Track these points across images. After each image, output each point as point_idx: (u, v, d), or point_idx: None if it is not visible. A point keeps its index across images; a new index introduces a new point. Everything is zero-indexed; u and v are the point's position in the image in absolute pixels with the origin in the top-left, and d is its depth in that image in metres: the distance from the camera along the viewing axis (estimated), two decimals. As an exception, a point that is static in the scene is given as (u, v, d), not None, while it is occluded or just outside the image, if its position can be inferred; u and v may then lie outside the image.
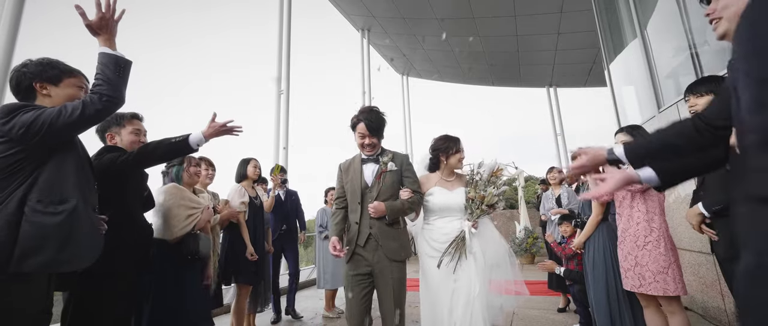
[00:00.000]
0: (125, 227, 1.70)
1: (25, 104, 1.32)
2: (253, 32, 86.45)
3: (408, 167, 2.15)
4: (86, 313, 1.59)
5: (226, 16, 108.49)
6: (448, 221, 2.20)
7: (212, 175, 2.83)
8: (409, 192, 2.07)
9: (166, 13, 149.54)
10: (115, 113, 1.88)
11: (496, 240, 2.27)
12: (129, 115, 1.91)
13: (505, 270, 2.22)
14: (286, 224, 3.77)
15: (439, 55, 10.06)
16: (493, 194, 2.20)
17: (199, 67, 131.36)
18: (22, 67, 1.41)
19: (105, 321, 1.61)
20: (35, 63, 1.42)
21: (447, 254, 2.10)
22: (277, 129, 6.10)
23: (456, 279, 2.06)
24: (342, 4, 8.28)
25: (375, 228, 2.00)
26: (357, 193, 2.06)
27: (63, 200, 1.29)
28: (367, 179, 2.08)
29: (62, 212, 1.27)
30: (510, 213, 8.46)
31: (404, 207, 2.04)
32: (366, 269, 1.99)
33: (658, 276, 1.99)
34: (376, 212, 1.98)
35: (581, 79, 10.93)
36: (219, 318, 3.72)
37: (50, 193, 1.28)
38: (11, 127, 1.24)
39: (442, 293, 2.06)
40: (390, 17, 8.51)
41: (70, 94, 1.45)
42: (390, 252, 1.97)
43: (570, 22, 7.98)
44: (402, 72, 11.26)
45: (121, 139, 1.88)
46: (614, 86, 5.43)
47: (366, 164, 2.11)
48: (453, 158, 2.28)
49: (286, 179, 3.88)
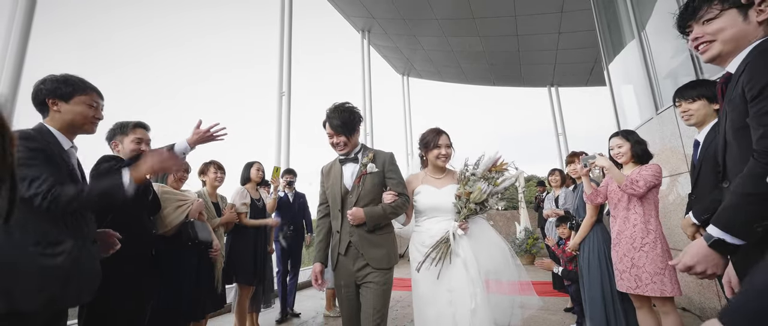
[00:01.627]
0: (130, 232, 1.74)
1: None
2: (254, 33, 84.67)
3: (391, 167, 1.96)
4: (99, 315, 1.66)
5: (227, 16, 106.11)
6: (435, 222, 2.01)
7: (221, 178, 2.89)
8: (392, 195, 1.90)
9: (165, 12, 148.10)
10: (121, 122, 1.93)
11: (493, 243, 2.03)
12: (133, 124, 1.96)
13: (507, 273, 1.99)
14: (294, 225, 3.84)
15: (440, 55, 10.08)
16: (482, 191, 1.95)
17: (198, 68, 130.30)
18: (41, 83, 1.46)
19: (118, 321, 1.67)
20: (52, 79, 1.46)
21: (428, 257, 1.91)
22: (278, 131, 6.13)
23: (451, 289, 1.86)
24: (342, 5, 8.30)
25: (355, 236, 1.85)
26: (337, 198, 1.92)
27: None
28: (347, 182, 1.93)
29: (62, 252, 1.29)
30: (510, 214, 8.47)
31: (386, 213, 1.86)
32: (350, 279, 1.87)
33: (655, 277, 2.02)
34: (354, 220, 1.83)
35: (583, 79, 10.92)
36: (222, 318, 3.78)
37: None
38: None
39: (438, 303, 1.87)
40: (390, 18, 8.53)
41: (78, 111, 1.48)
42: (373, 260, 1.82)
43: (571, 22, 7.97)
44: (402, 72, 11.27)
45: (123, 147, 1.93)
46: (613, 87, 5.44)
47: (346, 165, 1.96)
48: (431, 154, 2.07)
49: (293, 181, 3.96)
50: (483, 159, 2.07)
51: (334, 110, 1.90)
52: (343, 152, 1.94)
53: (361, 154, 1.97)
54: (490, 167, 2.05)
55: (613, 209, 2.23)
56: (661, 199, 2.36)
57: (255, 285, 3.07)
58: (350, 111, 1.91)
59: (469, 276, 1.85)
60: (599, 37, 5.79)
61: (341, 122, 1.87)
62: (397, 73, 11.28)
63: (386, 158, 1.97)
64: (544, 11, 7.71)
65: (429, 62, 10.54)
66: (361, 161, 1.93)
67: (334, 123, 1.87)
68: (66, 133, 1.49)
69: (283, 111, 6.22)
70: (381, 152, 1.99)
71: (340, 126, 1.87)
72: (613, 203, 2.24)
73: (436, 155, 2.06)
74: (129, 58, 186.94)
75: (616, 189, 2.21)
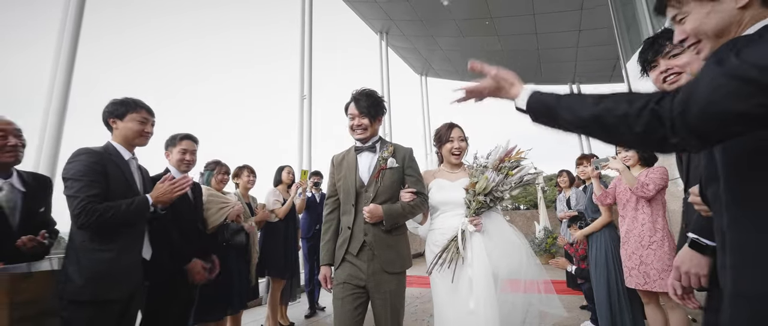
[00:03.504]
0: (183, 231, 2.03)
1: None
2: (276, 33, 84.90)
3: (411, 164, 1.85)
4: (160, 299, 1.95)
5: (249, 14, 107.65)
6: (448, 217, 1.89)
7: (253, 181, 3.19)
8: (411, 194, 1.79)
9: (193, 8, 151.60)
10: (173, 134, 2.21)
11: (509, 241, 1.87)
12: (181, 136, 2.20)
13: (523, 272, 1.84)
14: (319, 224, 4.11)
15: (458, 55, 10.13)
16: (489, 180, 1.81)
17: (222, 65, 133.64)
18: (106, 107, 1.77)
19: (173, 306, 1.98)
20: (112, 102, 1.77)
21: (440, 259, 1.80)
22: (300, 133, 6.36)
23: (474, 299, 1.70)
24: (360, 8, 8.49)
25: (371, 235, 1.72)
26: (351, 193, 1.77)
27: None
28: (363, 175, 1.80)
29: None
30: (530, 213, 8.48)
31: (405, 212, 1.76)
32: (359, 281, 1.71)
33: (663, 273, 2.11)
34: (372, 217, 1.70)
35: (606, 75, 10.70)
36: (254, 310, 4.07)
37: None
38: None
39: (456, 306, 1.74)
40: (408, 20, 8.67)
41: (130, 127, 1.76)
42: (386, 263, 1.70)
43: (591, 19, 7.86)
44: (420, 72, 11.39)
45: (172, 157, 2.18)
46: (631, 85, 5.40)
47: (361, 155, 1.84)
48: (445, 149, 2.01)
49: (319, 182, 4.26)
50: (496, 150, 1.95)
51: (362, 93, 1.82)
52: (361, 137, 1.82)
53: (380, 146, 1.85)
54: (502, 157, 1.92)
55: (622, 209, 2.33)
56: (668, 199, 2.43)
57: (286, 279, 3.35)
58: (378, 98, 1.85)
59: (479, 277, 1.73)
60: (616, 34, 5.75)
61: (368, 104, 1.79)
62: (416, 73, 11.40)
63: (406, 153, 1.86)
64: (563, 9, 7.65)
65: (447, 62, 10.61)
66: (380, 155, 1.81)
67: (362, 104, 1.78)
68: (125, 146, 1.78)
69: (304, 114, 6.44)
70: (401, 147, 1.88)
71: (367, 108, 1.78)
72: (622, 204, 2.34)
73: (450, 149, 1.99)
74: (151, 57, 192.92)
75: (624, 190, 2.30)
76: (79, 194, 1.54)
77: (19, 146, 1.63)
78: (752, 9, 0.76)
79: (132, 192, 1.71)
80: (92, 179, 1.58)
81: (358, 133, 1.81)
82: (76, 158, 1.60)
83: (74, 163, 1.59)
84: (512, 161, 1.90)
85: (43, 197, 1.76)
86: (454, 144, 1.99)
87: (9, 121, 1.63)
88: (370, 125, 1.81)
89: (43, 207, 1.74)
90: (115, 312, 1.59)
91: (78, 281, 1.52)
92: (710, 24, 0.81)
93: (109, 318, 1.56)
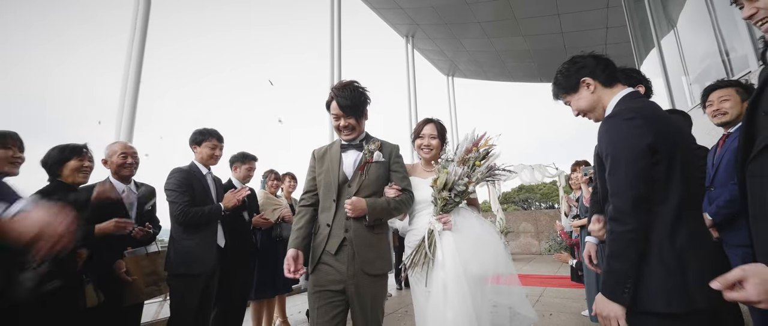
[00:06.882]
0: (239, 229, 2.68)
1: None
2: (308, 31, 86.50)
3: (397, 159, 1.78)
4: (227, 275, 2.52)
5: (273, 13, 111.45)
6: (421, 217, 1.85)
7: (294, 185, 3.75)
8: (395, 190, 1.71)
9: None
10: (243, 153, 2.88)
11: (479, 237, 1.78)
12: (250, 157, 2.92)
13: (495, 270, 1.77)
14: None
15: (484, 56, 10.32)
16: (450, 174, 1.71)
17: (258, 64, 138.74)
18: (191, 135, 2.42)
19: (236, 283, 2.60)
20: (194, 132, 2.41)
21: (411, 262, 1.75)
22: (331, 138, 6.92)
23: (443, 291, 1.65)
24: (386, 14, 8.91)
25: (352, 231, 1.62)
26: (332, 187, 1.67)
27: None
28: (347, 170, 1.71)
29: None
30: (553, 213, 8.58)
31: (389, 207, 1.67)
32: (337, 285, 1.59)
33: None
34: (354, 211, 1.59)
35: (638, 70, 10.45)
36: (293, 298, 4.69)
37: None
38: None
39: (434, 318, 1.65)
40: (433, 24, 9.00)
41: (203, 152, 2.40)
42: (367, 263, 1.60)
43: (619, 15, 7.81)
44: (447, 73, 11.66)
45: (239, 173, 2.91)
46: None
47: (346, 152, 1.75)
48: (415, 145, 1.95)
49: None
50: (465, 140, 1.85)
51: (342, 88, 1.68)
52: (349, 137, 1.73)
53: (366, 142, 1.77)
54: (470, 147, 1.81)
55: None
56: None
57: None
58: (360, 90, 1.70)
59: (450, 279, 1.66)
60: (630, 34, 5.80)
61: (351, 102, 1.65)
62: (442, 74, 11.68)
63: (393, 149, 1.79)
64: (588, 8, 7.68)
65: (474, 63, 10.81)
66: (366, 148, 1.73)
67: (343, 103, 1.64)
68: (203, 164, 2.42)
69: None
70: (387, 143, 1.80)
71: (350, 107, 1.65)
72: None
73: (419, 145, 1.93)
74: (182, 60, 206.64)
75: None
76: (177, 200, 2.18)
77: (135, 164, 2.26)
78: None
79: (209, 199, 2.35)
80: (184, 190, 2.23)
81: (346, 133, 1.72)
82: (172, 175, 2.27)
83: (171, 179, 2.26)
84: (481, 149, 1.81)
85: (149, 199, 2.41)
86: (424, 141, 1.93)
87: (130, 145, 2.28)
88: (357, 125, 1.72)
89: (150, 207, 2.39)
90: (201, 282, 2.20)
91: (174, 260, 2.18)
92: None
93: (196, 287, 2.18)
